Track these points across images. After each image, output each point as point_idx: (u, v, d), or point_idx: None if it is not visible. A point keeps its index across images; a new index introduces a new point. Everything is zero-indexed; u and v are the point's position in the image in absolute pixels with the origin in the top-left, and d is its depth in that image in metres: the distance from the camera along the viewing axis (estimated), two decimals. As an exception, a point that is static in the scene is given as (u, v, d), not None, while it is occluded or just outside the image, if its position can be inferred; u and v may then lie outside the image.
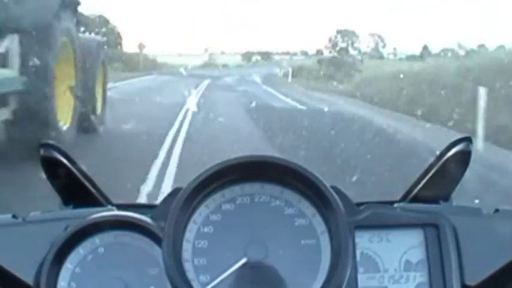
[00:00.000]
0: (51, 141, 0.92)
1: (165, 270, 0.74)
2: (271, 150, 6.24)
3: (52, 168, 0.91)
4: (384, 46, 32.83)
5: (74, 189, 0.94)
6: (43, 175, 0.91)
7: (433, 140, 7.10)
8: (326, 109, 12.31)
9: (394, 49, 34.15)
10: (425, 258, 0.82)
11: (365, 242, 0.82)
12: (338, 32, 32.08)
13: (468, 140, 0.87)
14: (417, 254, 0.82)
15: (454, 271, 0.80)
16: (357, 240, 0.82)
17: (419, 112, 10.16)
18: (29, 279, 0.80)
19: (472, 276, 0.80)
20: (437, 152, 0.90)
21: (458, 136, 0.89)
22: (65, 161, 0.91)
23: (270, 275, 0.76)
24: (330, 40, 31.96)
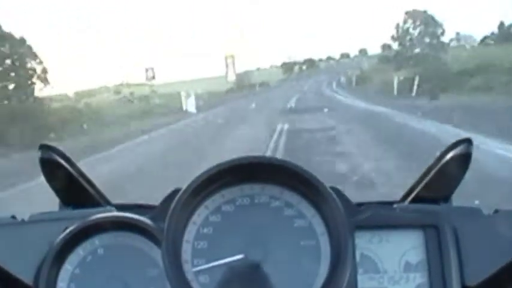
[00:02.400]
0: (50, 143, 0.92)
1: (165, 271, 0.74)
2: None
3: (51, 169, 0.91)
4: (442, 33, 24.95)
5: (73, 190, 0.94)
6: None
7: None
8: None
9: (457, 34, 28.00)
10: (425, 259, 0.82)
11: (365, 243, 0.82)
12: (407, 14, 23.88)
13: (468, 141, 0.86)
14: (417, 255, 0.82)
15: (454, 272, 0.80)
16: (356, 241, 0.81)
17: None
18: (28, 280, 0.79)
19: (472, 276, 0.80)
20: (438, 153, 0.89)
21: None
22: (63, 162, 0.91)
23: (268, 275, 0.76)
24: (397, 28, 24.06)
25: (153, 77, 25.82)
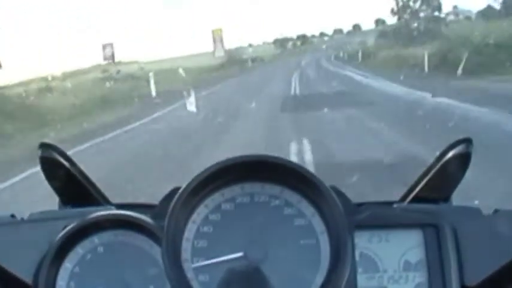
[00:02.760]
0: (49, 142, 0.92)
1: (165, 269, 0.74)
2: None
3: (51, 168, 0.91)
4: (439, 7, 22.54)
5: (73, 189, 0.94)
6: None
7: None
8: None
9: (455, 7, 25.10)
10: (424, 258, 0.82)
11: (364, 242, 0.82)
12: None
13: (468, 141, 0.86)
14: (416, 255, 0.82)
15: (454, 272, 0.80)
16: (356, 240, 0.82)
17: None
18: (27, 279, 0.79)
19: (472, 276, 0.80)
20: (437, 153, 0.90)
21: None
22: (63, 161, 0.91)
23: (268, 274, 0.76)
24: (397, 1, 21.90)
25: (112, 56, 20.27)
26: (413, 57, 15.96)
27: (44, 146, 0.90)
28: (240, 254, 0.76)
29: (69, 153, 0.92)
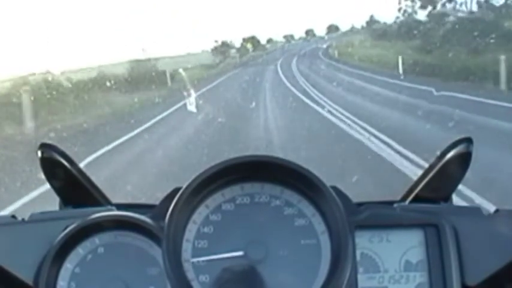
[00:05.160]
0: (50, 142, 0.92)
1: (165, 270, 0.74)
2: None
3: (51, 168, 0.91)
4: None
5: (73, 190, 0.94)
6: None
7: None
8: None
9: None
10: (425, 258, 0.82)
11: (365, 242, 0.82)
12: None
13: (468, 140, 0.86)
14: (417, 254, 0.82)
15: (454, 271, 0.80)
16: (357, 240, 0.81)
17: None
18: (28, 279, 0.79)
19: (472, 276, 0.80)
20: (438, 153, 0.90)
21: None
22: (64, 161, 0.91)
23: (268, 274, 0.76)
24: None
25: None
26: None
27: (44, 146, 0.90)
28: (240, 254, 0.76)
29: None
